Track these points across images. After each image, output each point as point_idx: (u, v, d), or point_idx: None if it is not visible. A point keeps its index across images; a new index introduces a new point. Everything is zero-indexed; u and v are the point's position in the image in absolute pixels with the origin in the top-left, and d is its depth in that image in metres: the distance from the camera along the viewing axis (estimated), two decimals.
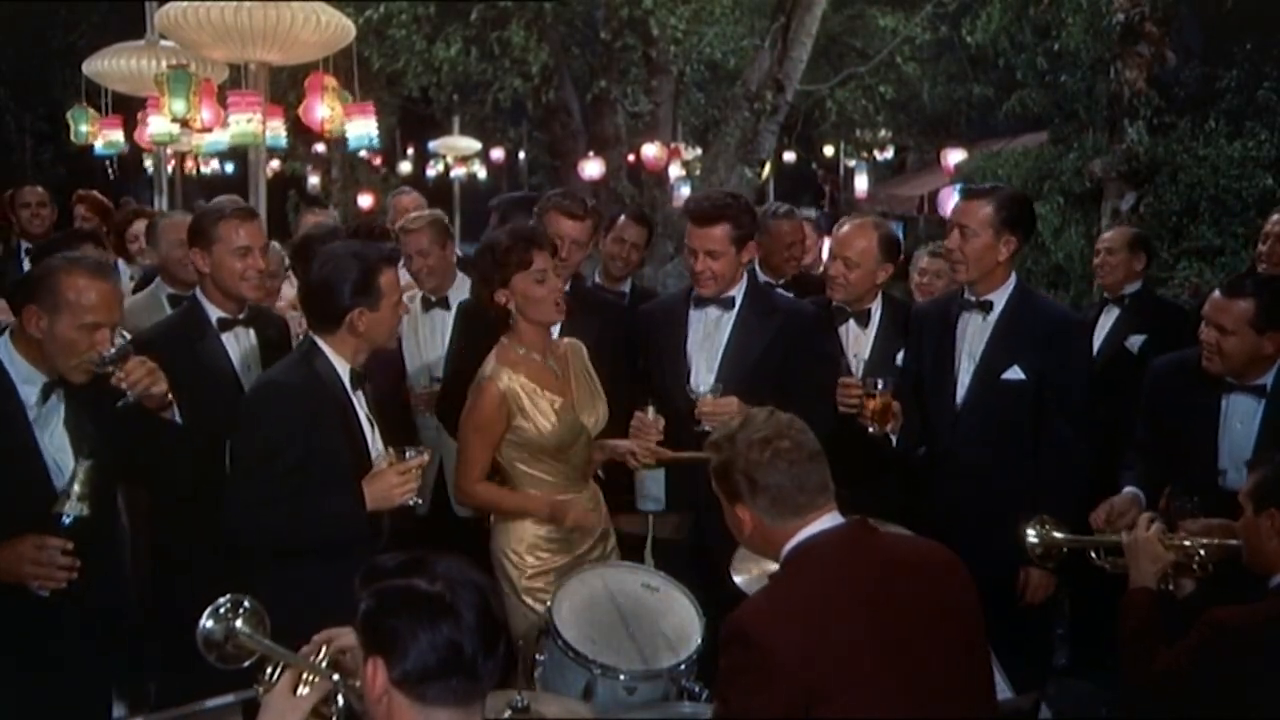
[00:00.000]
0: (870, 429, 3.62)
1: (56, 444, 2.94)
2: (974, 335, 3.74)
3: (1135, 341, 4.92)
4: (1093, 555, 3.34)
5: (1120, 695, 3.98)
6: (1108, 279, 5.11)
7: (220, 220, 3.54)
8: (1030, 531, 3.42)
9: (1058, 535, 3.41)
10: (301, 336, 4.00)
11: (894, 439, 3.72)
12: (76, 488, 2.77)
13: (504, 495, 3.48)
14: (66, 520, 2.76)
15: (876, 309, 4.05)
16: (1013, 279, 3.76)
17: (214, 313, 3.58)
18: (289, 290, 5.40)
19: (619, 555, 3.58)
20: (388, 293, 3.09)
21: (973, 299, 3.74)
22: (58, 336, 2.85)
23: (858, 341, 4.03)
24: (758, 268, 5.05)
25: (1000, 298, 3.72)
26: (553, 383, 3.45)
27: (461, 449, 3.47)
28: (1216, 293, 3.57)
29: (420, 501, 3.16)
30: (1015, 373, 3.66)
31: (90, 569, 2.84)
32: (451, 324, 4.52)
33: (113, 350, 2.89)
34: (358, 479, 3.05)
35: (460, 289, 4.61)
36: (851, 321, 4.04)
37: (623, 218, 5.09)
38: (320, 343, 3.11)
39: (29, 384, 2.90)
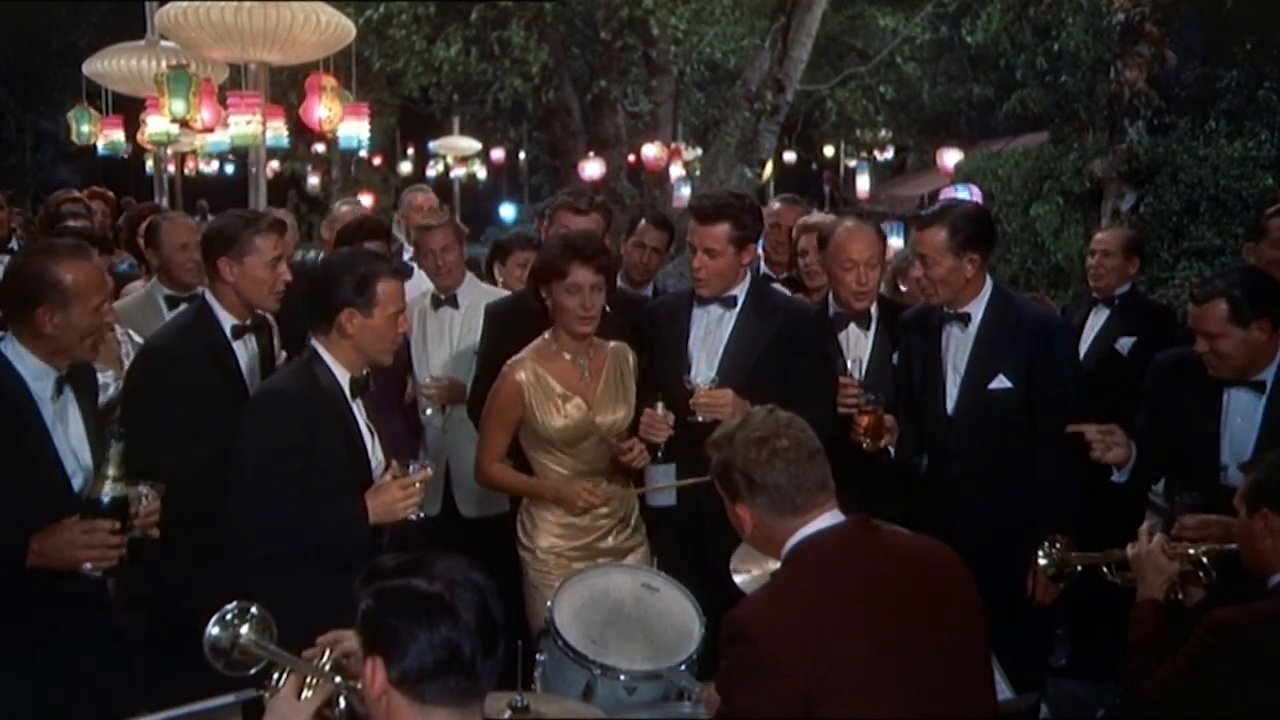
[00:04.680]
0: (864, 444, 3.62)
1: (75, 438, 2.96)
2: (957, 347, 3.74)
3: (1125, 344, 4.91)
4: (1104, 571, 3.36)
5: (1123, 699, 4.00)
6: (1101, 282, 5.09)
7: (257, 232, 3.50)
8: (1041, 553, 3.45)
9: (1069, 555, 3.43)
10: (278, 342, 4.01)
11: (892, 450, 3.72)
12: (111, 470, 2.78)
13: (515, 477, 3.68)
14: (104, 501, 2.78)
15: (874, 311, 4.04)
16: (988, 286, 3.74)
17: (227, 320, 3.54)
18: None
19: (645, 545, 3.73)
20: (384, 302, 3.05)
21: (951, 312, 3.74)
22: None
23: (858, 344, 4.02)
24: (762, 263, 5.06)
25: (977, 309, 3.71)
26: (576, 383, 3.59)
27: (481, 431, 3.71)
28: (1191, 304, 3.53)
29: (422, 515, 3.16)
30: (1001, 382, 3.66)
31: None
32: (459, 323, 4.56)
33: (150, 488, 2.93)
34: (358, 488, 3.05)
35: (469, 288, 4.63)
36: (852, 325, 4.04)
37: (643, 222, 5.09)
38: (320, 350, 3.09)
39: (40, 380, 2.90)
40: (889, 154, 22.74)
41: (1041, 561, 3.45)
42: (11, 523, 2.77)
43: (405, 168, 23.84)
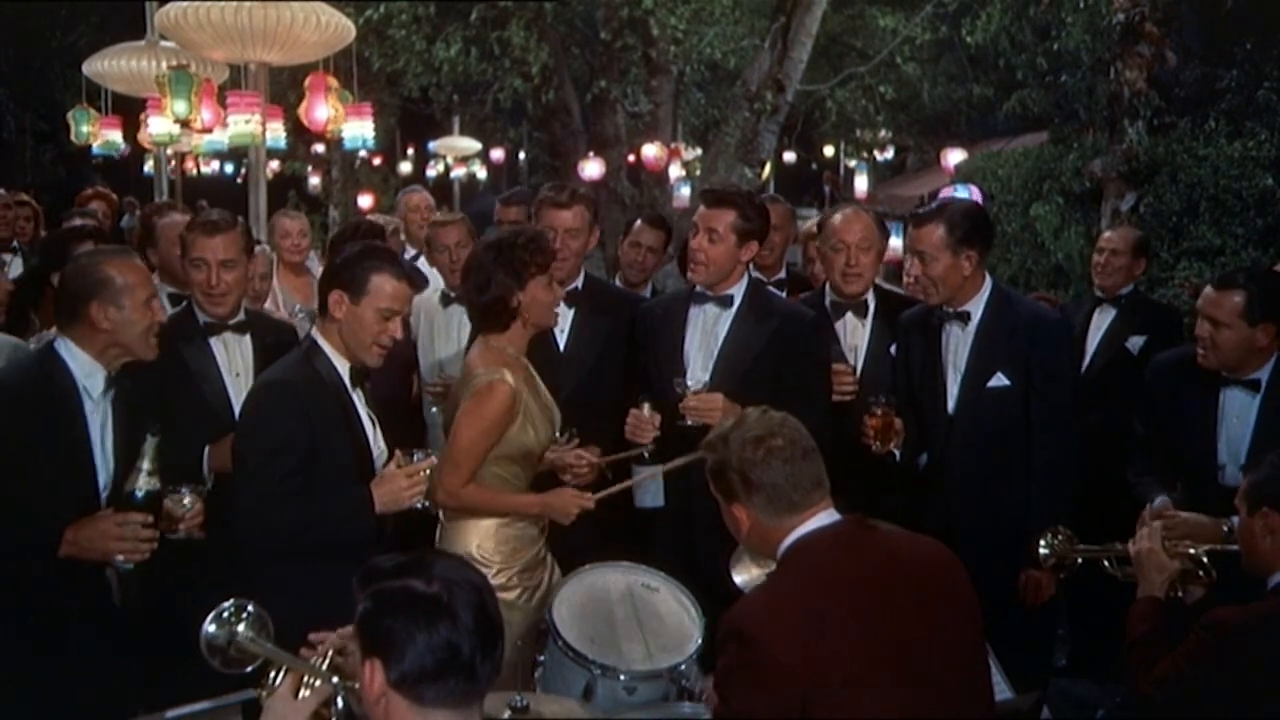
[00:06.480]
0: (874, 447, 3.62)
1: (108, 439, 3.01)
2: (957, 346, 3.75)
3: (1136, 343, 4.92)
4: (1105, 564, 3.36)
5: (1123, 699, 4.00)
6: (1108, 281, 5.09)
7: (183, 229, 3.64)
8: (1042, 543, 3.45)
9: (1070, 546, 3.43)
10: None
11: (898, 454, 3.71)
12: (146, 464, 2.85)
13: (494, 497, 3.32)
14: (139, 495, 2.84)
15: (871, 301, 4.04)
16: (987, 284, 3.75)
17: (203, 317, 3.60)
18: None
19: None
20: (374, 294, 3.04)
21: (951, 310, 3.74)
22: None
23: (855, 334, 4.03)
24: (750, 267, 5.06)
25: (977, 307, 3.72)
26: (534, 388, 3.42)
27: (459, 449, 3.27)
28: (1208, 287, 3.60)
29: (428, 504, 3.17)
30: (1000, 380, 3.67)
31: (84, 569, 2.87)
32: (467, 321, 4.54)
33: (190, 490, 2.99)
34: (360, 477, 3.06)
35: None
36: (849, 314, 4.04)
37: (639, 223, 5.08)
38: (320, 340, 3.11)
39: (91, 378, 2.97)
40: (889, 154, 22.73)
41: (1043, 551, 3.46)
42: (46, 512, 2.83)
43: (405, 168, 23.83)
